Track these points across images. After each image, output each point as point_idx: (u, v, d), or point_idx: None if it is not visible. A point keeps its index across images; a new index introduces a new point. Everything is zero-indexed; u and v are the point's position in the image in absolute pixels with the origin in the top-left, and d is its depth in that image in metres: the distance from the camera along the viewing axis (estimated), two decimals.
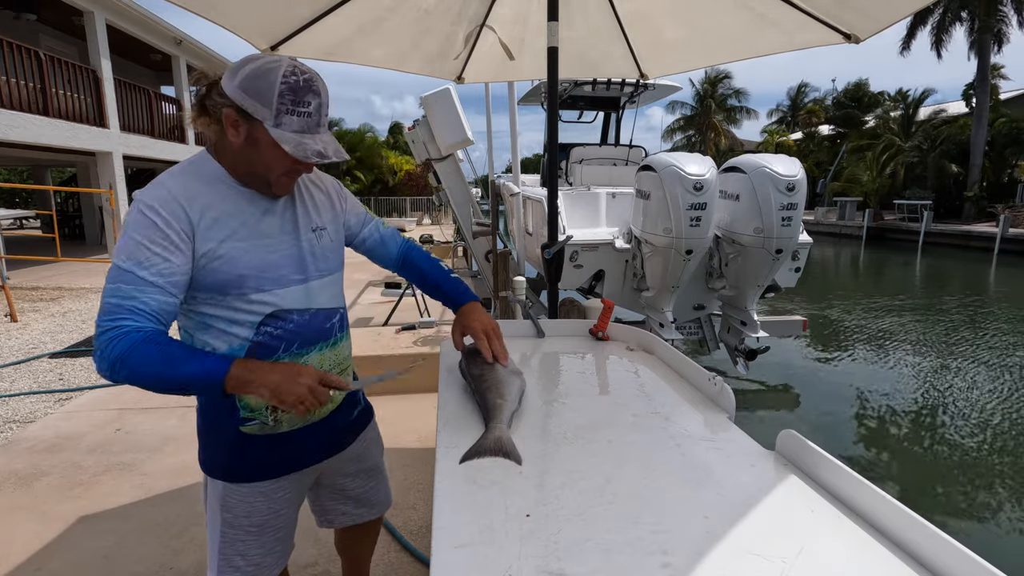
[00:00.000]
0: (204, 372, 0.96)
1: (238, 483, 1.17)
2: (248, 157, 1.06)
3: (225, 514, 1.18)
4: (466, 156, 8.65)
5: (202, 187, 1.05)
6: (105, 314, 0.95)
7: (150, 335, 0.95)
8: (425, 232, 16.38)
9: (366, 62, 2.71)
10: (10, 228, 19.12)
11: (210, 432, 1.17)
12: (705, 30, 2.68)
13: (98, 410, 3.68)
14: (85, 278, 8.99)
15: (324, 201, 1.25)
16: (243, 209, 1.09)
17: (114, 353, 0.93)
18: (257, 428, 1.14)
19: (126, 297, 0.95)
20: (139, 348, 0.93)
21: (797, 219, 4.03)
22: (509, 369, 1.29)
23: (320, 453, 1.27)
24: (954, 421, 5.04)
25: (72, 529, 2.39)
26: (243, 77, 1.01)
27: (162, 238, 0.98)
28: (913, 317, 9.07)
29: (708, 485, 0.92)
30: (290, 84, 1.00)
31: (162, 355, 0.95)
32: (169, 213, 1.00)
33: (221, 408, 1.13)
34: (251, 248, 1.08)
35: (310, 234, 1.18)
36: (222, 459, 1.17)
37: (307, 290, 1.16)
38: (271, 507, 1.20)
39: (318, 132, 1.05)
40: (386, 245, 1.41)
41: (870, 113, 27.43)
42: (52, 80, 9.68)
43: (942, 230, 18.80)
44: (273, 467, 1.19)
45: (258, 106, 1.00)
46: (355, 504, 1.43)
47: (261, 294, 1.09)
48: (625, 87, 7.44)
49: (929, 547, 0.74)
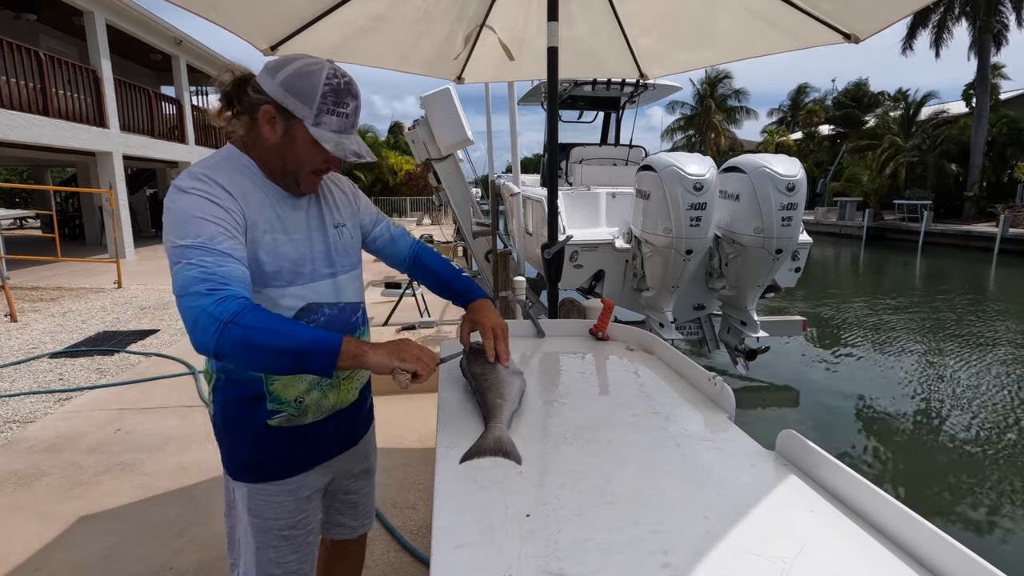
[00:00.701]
0: (322, 339, 0.95)
1: (265, 482, 1.15)
2: (283, 153, 1.08)
3: (253, 519, 1.16)
4: (466, 156, 8.65)
5: (240, 178, 1.07)
6: (196, 283, 0.90)
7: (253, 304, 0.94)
8: (425, 232, 16.36)
9: (366, 62, 2.71)
10: (10, 228, 19.13)
11: (235, 431, 1.15)
12: (705, 30, 2.68)
13: (98, 410, 3.68)
14: (85, 278, 8.99)
15: (343, 199, 1.29)
16: (275, 202, 1.11)
17: (226, 313, 0.88)
18: (285, 420, 1.14)
19: (215, 267, 0.92)
20: (252, 311, 0.91)
21: (797, 219, 4.03)
22: (510, 369, 1.29)
23: (338, 445, 1.28)
24: (954, 421, 5.04)
25: (72, 529, 2.39)
26: (286, 76, 1.03)
27: (225, 219, 0.98)
28: (913, 317, 9.07)
29: (708, 485, 0.92)
30: (333, 86, 1.04)
31: (275, 319, 0.93)
32: (223, 196, 1.01)
33: (248, 403, 1.12)
34: (286, 241, 1.10)
35: (333, 230, 1.21)
36: (248, 458, 1.15)
37: (336, 284, 1.19)
38: (298, 505, 1.19)
39: (352, 133, 1.09)
40: (396, 244, 1.43)
41: (870, 113, 27.44)
42: (52, 80, 9.68)
43: (942, 230, 18.80)
44: (300, 461, 1.19)
45: (299, 105, 1.03)
46: (352, 514, 1.42)
47: (296, 287, 1.11)
48: (625, 87, 7.45)
49: (929, 547, 0.74)
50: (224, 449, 1.17)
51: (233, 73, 1.09)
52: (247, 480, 1.15)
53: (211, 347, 0.89)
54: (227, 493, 1.22)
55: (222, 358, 0.95)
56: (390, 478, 2.72)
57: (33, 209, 21.51)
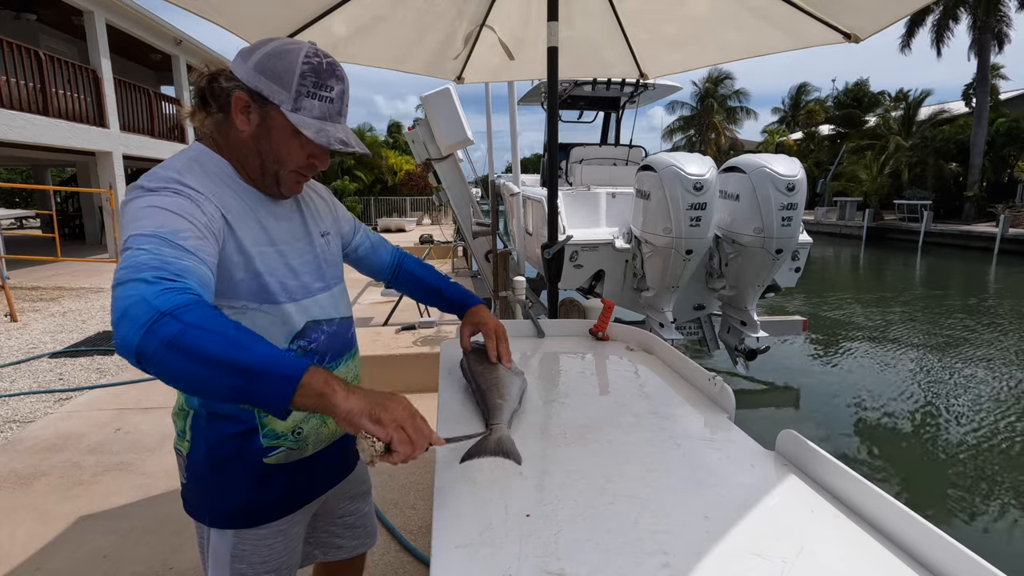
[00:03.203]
0: (283, 362, 0.72)
1: (255, 527, 1.02)
2: (259, 147, 0.95)
3: (237, 565, 1.01)
4: (466, 156, 8.66)
5: (211, 183, 0.92)
6: (143, 269, 0.71)
7: (208, 303, 0.75)
8: (425, 232, 16.36)
9: (366, 62, 2.71)
10: (10, 228, 19.12)
11: (223, 475, 0.99)
12: (705, 30, 2.68)
13: (98, 410, 3.68)
14: (85, 278, 8.99)
15: (323, 207, 1.18)
16: (256, 209, 0.97)
17: (167, 303, 0.69)
18: (283, 456, 1.01)
19: (172, 258, 0.75)
20: (201, 307, 0.71)
21: (797, 219, 4.03)
22: (510, 370, 1.29)
23: (339, 474, 1.18)
24: (954, 421, 5.04)
25: (72, 529, 2.39)
26: (260, 57, 0.92)
27: (197, 218, 0.83)
28: (913, 317, 9.07)
29: (708, 485, 0.92)
30: (312, 65, 0.92)
31: (229, 324, 0.72)
32: (198, 196, 0.86)
33: (238, 440, 0.97)
34: (273, 254, 0.97)
35: (320, 239, 1.10)
36: (238, 503, 1.00)
37: (331, 298, 1.08)
38: (287, 545, 1.07)
39: (339, 121, 0.96)
40: (377, 252, 1.34)
41: (870, 113, 27.44)
42: (52, 80, 9.68)
43: (942, 230, 18.80)
44: (296, 499, 1.06)
45: (275, 88, 0.91)
46: (351, 535, 1.31)
47: (291, 304, 0.98)
48: (625, 87, 7.45)
49: (929, 547, 0.74)
50: (205, 497, 1.00)
51: (209, 68, 0.97)
52: (235, 527, 1.01)
53: (134, 343, 0.67)
54: (201, 541, 1.05)
55: (144, 362, 0.68)
56: (390, 478, 2.72)
57: (33, 209, 21.51)
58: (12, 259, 9.31)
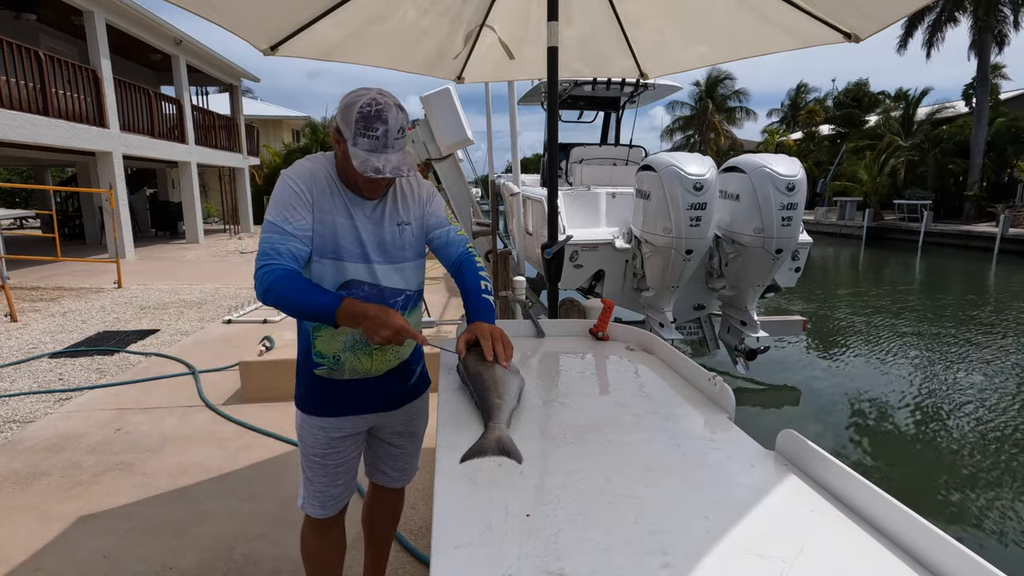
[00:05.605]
0: (322, 305, 1.25)
1: (307, 415, 1.47)
2: (344, 165, 1.35)
3: (301, 443, 1.51)
4: (466, 156, 8.65)
5: (320, 177, 1.38)
6: (261, 256, 1.29)
7: (288, 272, 1.27)
8: None
9: (366, 62, 2.71)
10: (10, 228, 19.13)
11: (299, 372, 1.49)
12: (705, 30, 2.68)
13: (98, 410, 3.68)
14: (85, 278, 8.99)
15: (414, 202, 1.50)
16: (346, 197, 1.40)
17: (266, 282, 1.25)
18: (325, 372, 1.44)
19: (275, 244, 1.29)
20: (281, 281, 1.25)
21: (797, 219, 4.03)
22: (508, 369, 1.29)
23: (372, 406, 1.52)
24: (954, 421, 5.04)
25: (72, 529, 2.39)
26: (342, 106, 1.31)
27: (298, 203, 1.33)
28: (913, 317, 9.07)
29: (708, 485, 0.92)
30: (363, 114, 1.26)
31: (297, 287, 1.26)
32: (302, 185, 1.34)
33: (305, 353, 1.46)
34: (349, 227, 1.38)
35: (394, 227, 1.44)
36: (302, 394, 1.48)
37: (375, 268, 1.41)
38: (328, 442, 1.48)
39: (385, 152, 1.29)
40: (447, 248, 1.57)
41: (870, 113, 27.42)
42: (52, 80, 9.68)
43: (942, 230, 18.79)
44: (335, 407, 1.47)
45: (345, 129, 1.30)
46: (391, 465, 1.67)
47: (341, 263, 1.38)
48: (625, 87, 7.44)
49: (929, 547, 0.74)
50: (295, 384, 1.51)
51: None
52: (299, 409, 1.49)
53: (262, 301, 1.28)
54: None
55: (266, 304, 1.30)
56: None
57: (33, 209, 21.51)
58: (12, 259, 9.31)
